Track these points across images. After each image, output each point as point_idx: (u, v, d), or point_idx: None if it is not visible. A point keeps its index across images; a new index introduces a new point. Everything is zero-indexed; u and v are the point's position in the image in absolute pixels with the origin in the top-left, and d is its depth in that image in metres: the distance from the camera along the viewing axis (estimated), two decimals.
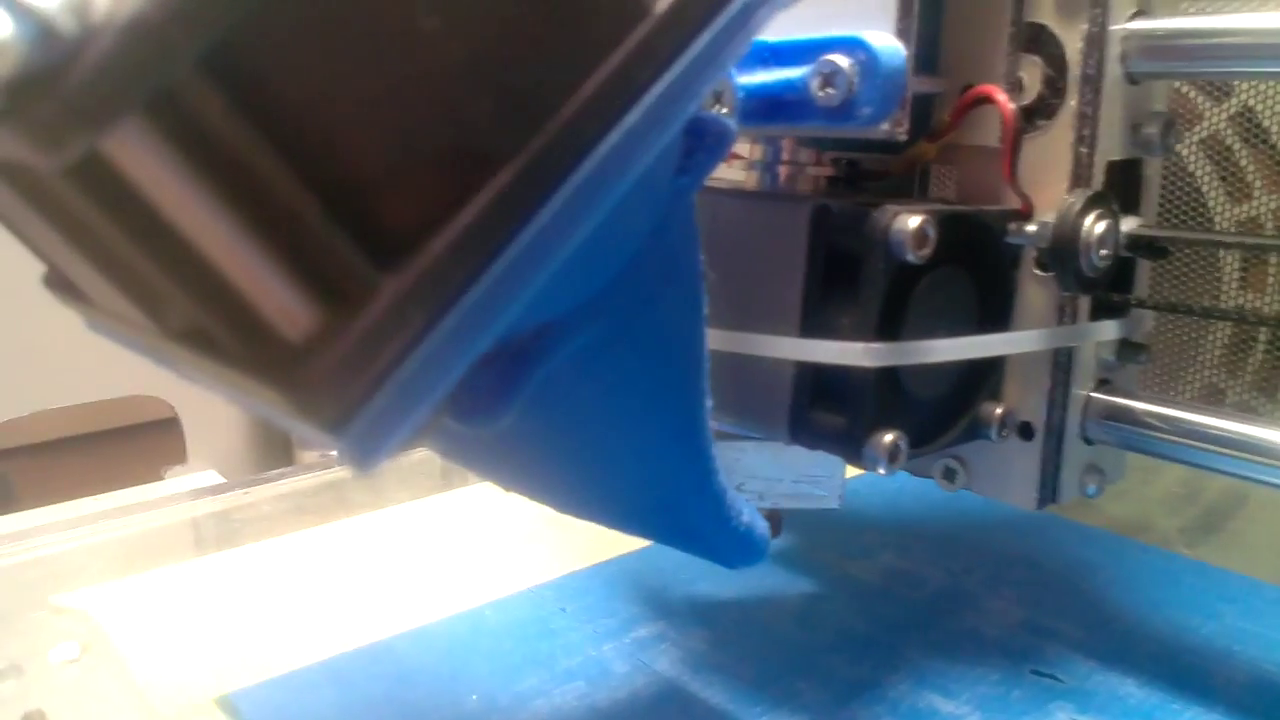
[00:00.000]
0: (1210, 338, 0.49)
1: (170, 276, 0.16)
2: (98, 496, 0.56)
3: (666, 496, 0.27)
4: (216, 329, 0.17)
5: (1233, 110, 0.45)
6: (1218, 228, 0.46)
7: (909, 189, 0.34)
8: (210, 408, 0.93)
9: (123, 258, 0.18)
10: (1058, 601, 0.39)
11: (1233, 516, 0.50)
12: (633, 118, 0.19)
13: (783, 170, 0.33)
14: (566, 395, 0.23)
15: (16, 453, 0.96)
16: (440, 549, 0.45)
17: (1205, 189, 0.47)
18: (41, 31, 0.13)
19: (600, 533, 0.33)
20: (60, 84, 0.13)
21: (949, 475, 0.34)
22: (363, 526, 0.47)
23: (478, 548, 0.45)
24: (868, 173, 0.35)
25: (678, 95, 0.20)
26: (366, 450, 0.17)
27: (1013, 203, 0.31)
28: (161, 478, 0.72)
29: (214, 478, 0.62)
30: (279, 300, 0.16)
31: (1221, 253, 0.45)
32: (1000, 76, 0.31)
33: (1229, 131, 0.46)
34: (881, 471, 0.29)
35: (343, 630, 0.37)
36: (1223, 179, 0.46)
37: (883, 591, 0.39)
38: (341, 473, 0.53)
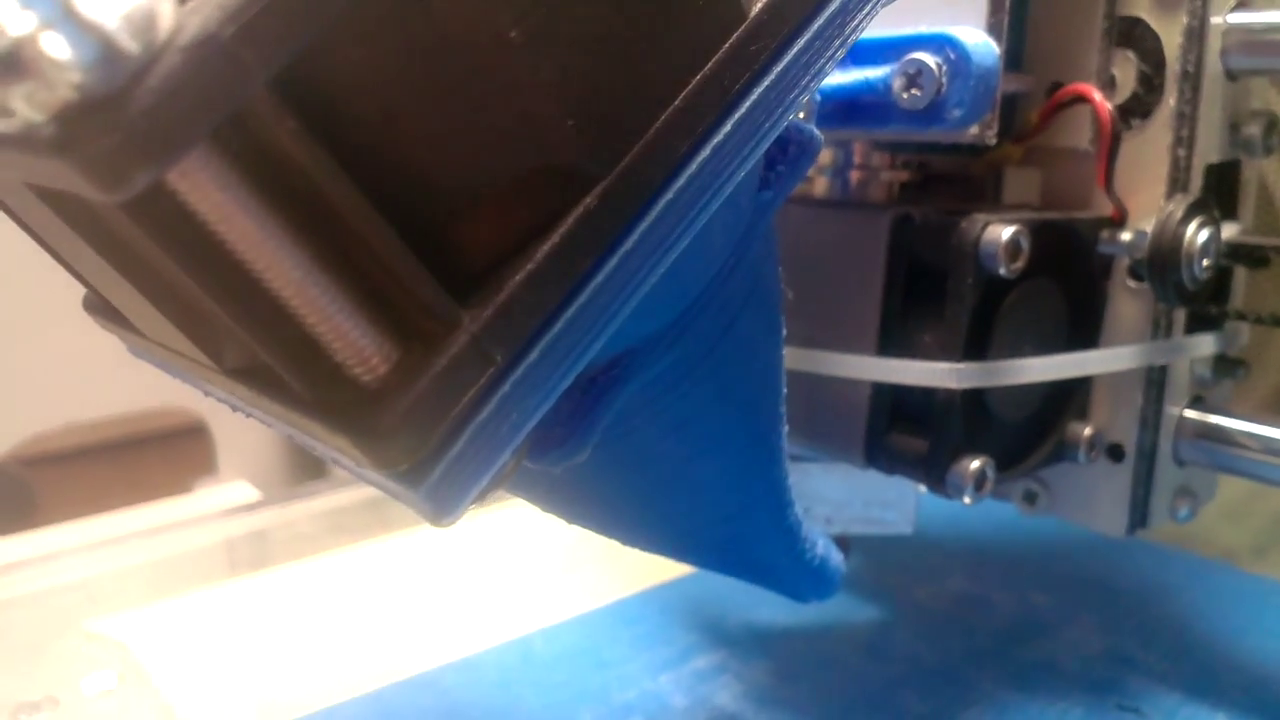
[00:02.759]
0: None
1: (232, 314, 0.14)
2: (127, 511, 0.54)
3: (740, 530, 0.25)
4: (281, 369, 0.15)
5: None
6: None
7: (983, 193, 0.32)
8: (241, 418, 0.92)
9: (177, 290, 0.17)
10: (1138, 628, 0.36)
11: None
12: (725, 131, 0.17)
13: (854, 175, 0.31)
14: (639, 427, 0.22)
15: (39, 461, 0.95)
16: (485, 571, 0.43)
17: (1274, 180, 0.45)
18: (103, 52, 0.11)
19: (653, 555, 0.31)
20: (123, 112, 0.11)
21: (1030, 499, 0.32)
22: (404, 546, 0.45)
23: (524, 569, 0.43)
24: (940, 177, 0.33)
25: (774, 105, 0.18)
26: (445, 501, 0.15)
27: (1104, 209, 0.29)
28: (190, 490, 0.70)
29: (246, 490, 0.61)
30: (350, 339, 0.14)
31: None
32: (1092, 74, 0.29)
33: None
34: (967, 501, 0.27)
35: (387, 659, 0.36)
36: None
37: (953, 619, 0.37)
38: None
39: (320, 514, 0.50)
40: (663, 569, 0.40)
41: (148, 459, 0.93)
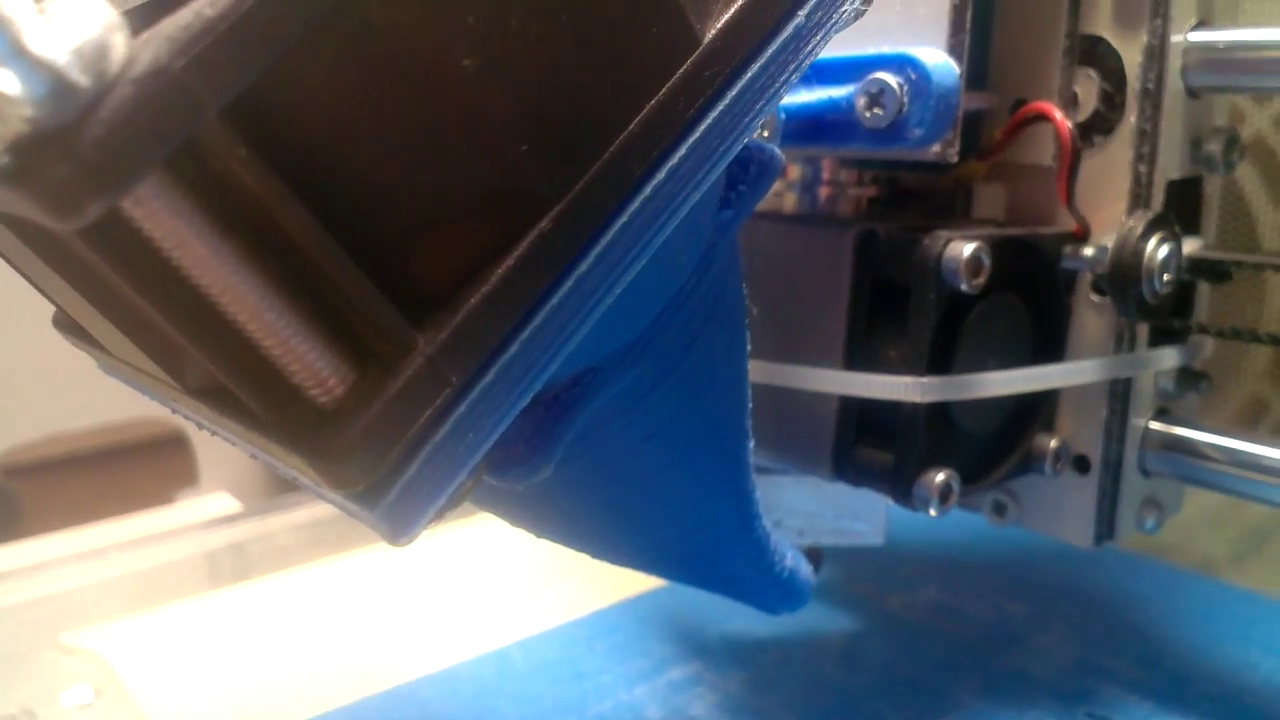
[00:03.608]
0: (1254, 350, 0.47)
1: (188, 337, 0.14)
2: (108, 523, 0.54)
3: (708, 542, 0.25)
4: (239, 391, 0.15)
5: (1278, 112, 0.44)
6: (1260, 231, 0.44)
7: (952, 207, 0.33)
8: None
9: (138, 312, 0.17)
10: (1109, 637, 0.37)
11: (1276, 538, 0.48)
12: (680, 155, 0.17)
13: (823, 191, 0.31)
14: (604, 442, 0.22)
15: (23, 471, 0.95)
16: (463, 583, 0.43)
17: (1249, 193, 0.45)
18: (54, 86, 0.11)
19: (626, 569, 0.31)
20: (75, 142, 0.12)
21: (999, 510, 0.33)
22: (381, 559, 0.46)
23: (502, 582, 0.43)
24: (909, 192, 0.33)
25: (729, 129, 0.18)
26: (401, 521, 0.16)
27: (1067, 224, 0.30)
28: (172, 501, 0.70)
29: (227, 501, 0.61)
30: (306, 362, 0.15)
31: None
32: (1054, 92, 0.29)
33: (1274, 134, 0.44)
34: (932, 513, 0.27)
35: (364, 671, 0.36)
36: (1267, 182, 0.45)
37: (926, 628, 0.38)
38: None
39: (300, 526, 0.50)
40: (639, 581, 0.41)
41: (131, 468, 0.93)
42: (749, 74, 0.18)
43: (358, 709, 0.34)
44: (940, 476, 0.27)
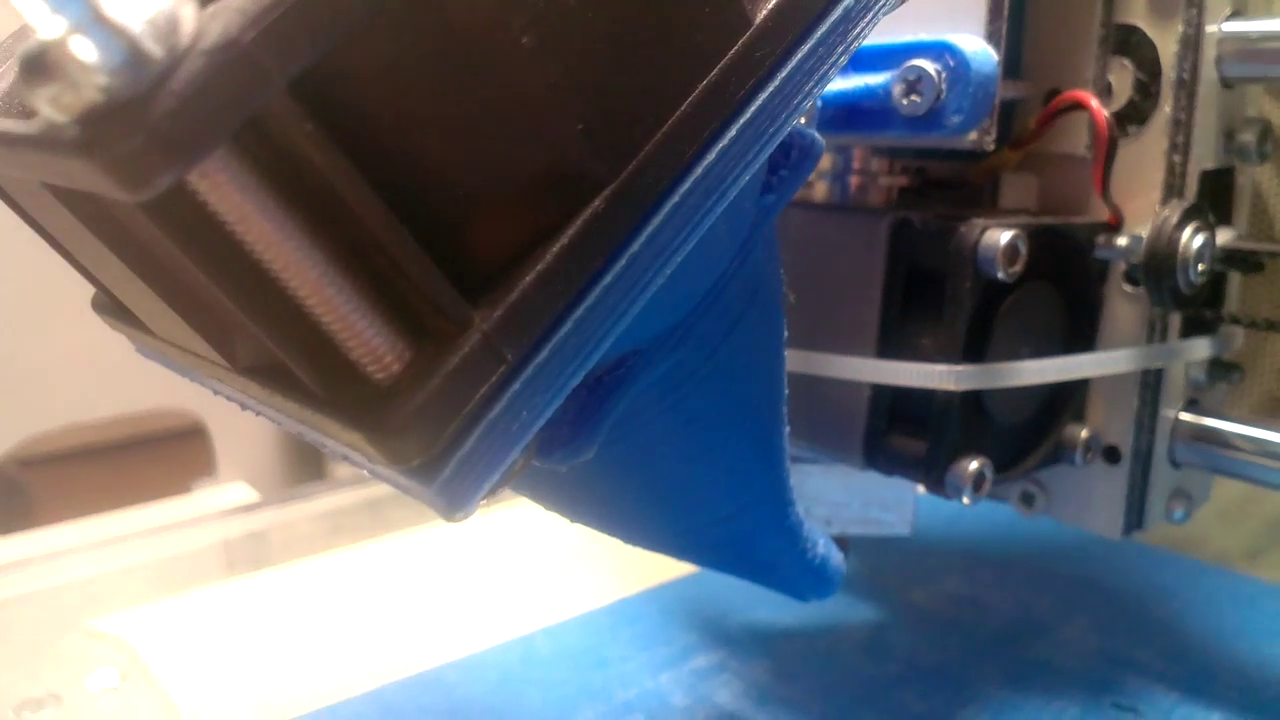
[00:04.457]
0: (1272, 346, 0.47)
1: (248, 313, 0.14)
2: (129, 511, 0.55)
3: (741, 529, 0.25)
4: (296, 367, 0.15)
5: None
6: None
7: (980, 198, 0.33)
8: (239, 419, 0.91)
9: (192, 289, 0.17)
10: (1133, 629, 0.37)
11: None
12: (731, 135, 0.17)
13: (854, 180, 0.31)
14: (642, 427, 0.22)
15: (36, 463, 0.95)
16: (486, 570, 0.43)
17: (1267, 186, 0.45)
18: (129, 56, 0.11)
19: (652, 554, 0.31)
20: (147, 113, 0.12)
21: (1027, 500, 0.33)
22: (403, 547, 0.46)
23: (525, 569, 0.43)
24: (938, 181, 0.33)
25: (778, 110, 0.18)
26: (457, 497, 0.16)
27: (1100, 214, 0.30)
28: (189, 491, 0.71)
29: (244, 491, 0.61)
30: (364, 338, 0.15)
31: None
32: (1088, 81, 0.29)
33: None
34: (966, 501, 0.27)
35: (388, 658, 0.36)
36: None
37: (950, 619, 0.38)
38: (379, 489, 0.52)
39: (319, 515, 0.50)
40: (663, 569, 0.41)
41: (146, 460, 0.93)
42: (799, 55, 0.18)
43: (383, 694, 0.34)
44: (974, 465, 0.27)
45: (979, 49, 0.26)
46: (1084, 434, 0.30)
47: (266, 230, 0.14)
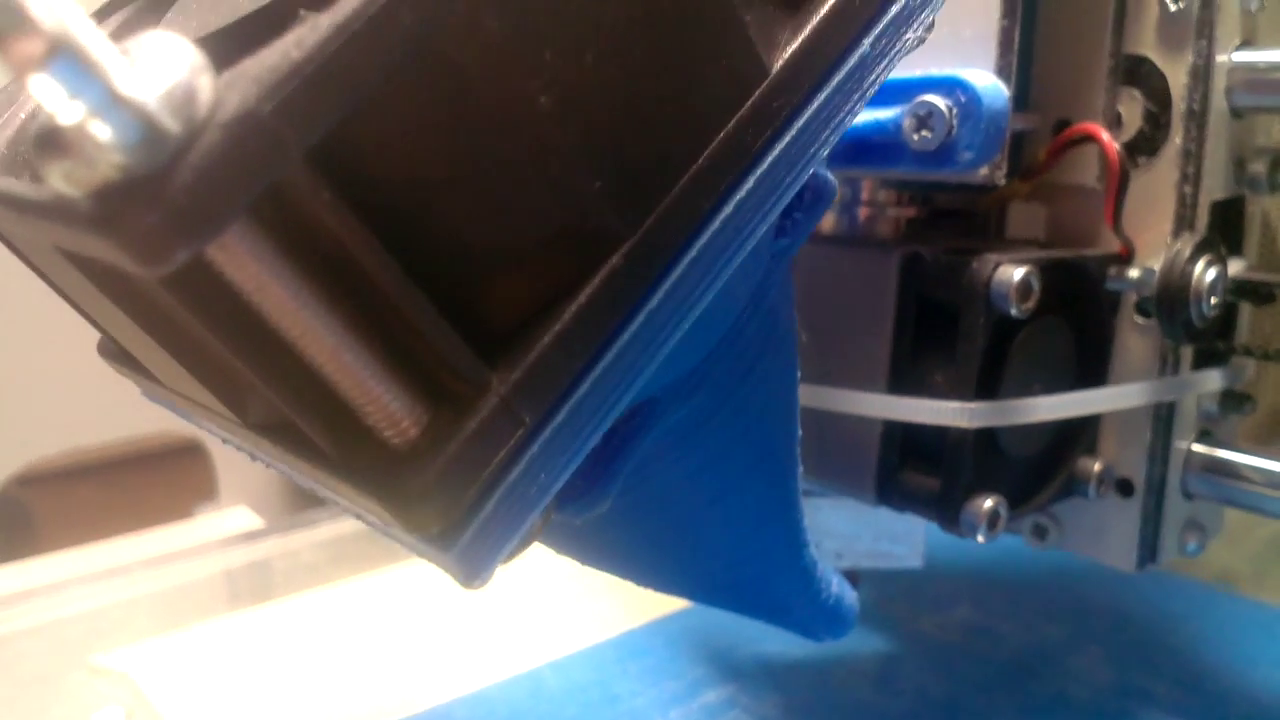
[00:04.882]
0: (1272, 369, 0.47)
1: (263, 379, 0.14)
2: (130, 537, 0.54)
3: (756, 572, 0.25)
4: (311, 431, 0.15)
5: None
6: None
7: (987, 228, 0.33)
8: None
9: (205, 350, 0.17)
10: (1145, 658, 0.37)
11: None
12: (748, 187, 0.17)
13: (862, 212, 0.31)
14: (658, 473, 0.22)
15: (35, 481, 0.94)
16: (492, 602, 0.43)
17: (1276, 216, 0.45)
18: (146, 134, 0.11)
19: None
20: (165, 189, 0.11)
21: (1040, 533, 0.32)
22: (408, 576, 0.45)
23: (531, 600, 0.43)
24: (944, 211, 0.33)
25: (795, 160, 0.18)
26: (476, 562, 0.15)
27: (1110, 245, 0.29)
28: (191, 514, 0.70)
29: (247, 516, 0.60)
30: (381, 403, 0.15)
31: None
32: (1098, 112, 0.29)
33: None
34: (980, 539, 0.27)
35: (395, 694, 0.36)
36: None
37: (961, 650, 0.37)
38: None
39: (324, 543, 0.49)
40: (667, 602, 0.40)
41: (146, 478, 0.92)
42: (815, 104, 0.18)
43: None
44: (989, 503, 0.27)
45: (990, 84, 0.25)
46: (1097, 467, 0.30)
47: (284, 299, 0.13)
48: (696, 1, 0.17)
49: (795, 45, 0.18)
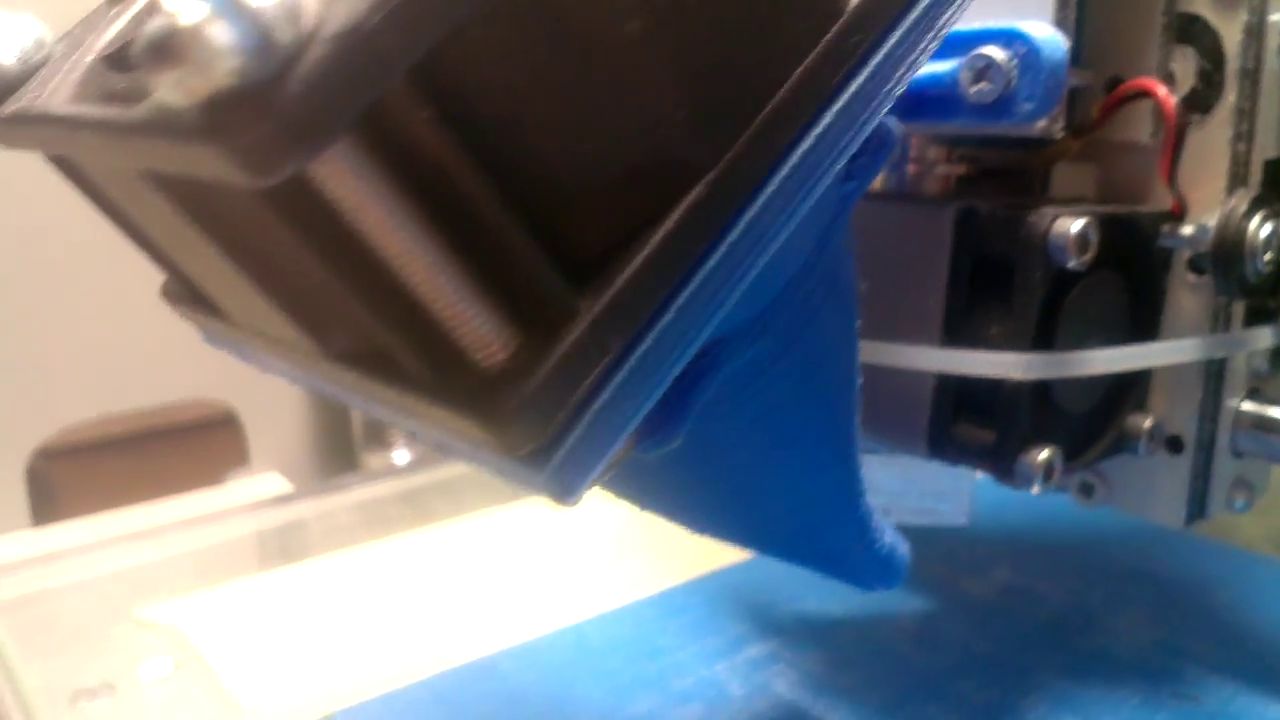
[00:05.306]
0: None
1: (360, 299, 0.14)
2: (165, 501, 0.55)
3: (813, 518, 0.25)
4: (404, 354, 0.15)
5: None
6: None
7: (1032, 185, 0.33)
8: (273, 411, 0.91)
9: (289, 276, 0.17)
10: (1187, 619, 0.37)
11: None
12: (825, 123, 0.17)
13: (911, 169, 0.31)
14: (722, 416, 0.22)
15: (62, 455, 0.93)
16: (530, 561, 0.43)
17: None
18: (262, 41, 0.11)
19: (696, 544, 0.31)
20: (275, 100, 0.11)
21: (1086, 491, 0.32)
22: (447, 537, 0.46)
23: (568, 559, 0.43)
24: (990, 170, 0.33)
25: (870, 98, 0.18)
26: (567, 483, 0.16)
27: (1160, 202, 0.29)
28: (222, 481, 0.71)
29: (278, 482, 0.61)
30: (474, 325, 0.15)
31: None
32: (1151, 69, 0.29)
33: None
34: (1035, 490, 0.27)
35: (440, 647, 0.36)
36: None
37: (1002, 610, 0.37)
38: (417, 480, 0.52)
39: (359, 504, 0.50)
40: (706, 560, 0.41)
41: (173, 453, 0.92)
42: (890, 42, 0.18)
43: (438, 681, 0.34)
44: (1044, 454, 0.27)
45: (1049, 35, 0.25)
46: (1148, 424, 0.30)
47: (382, 217, 0.14)
48: None
49: None
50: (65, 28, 0.21)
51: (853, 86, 0.18)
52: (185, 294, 0.23)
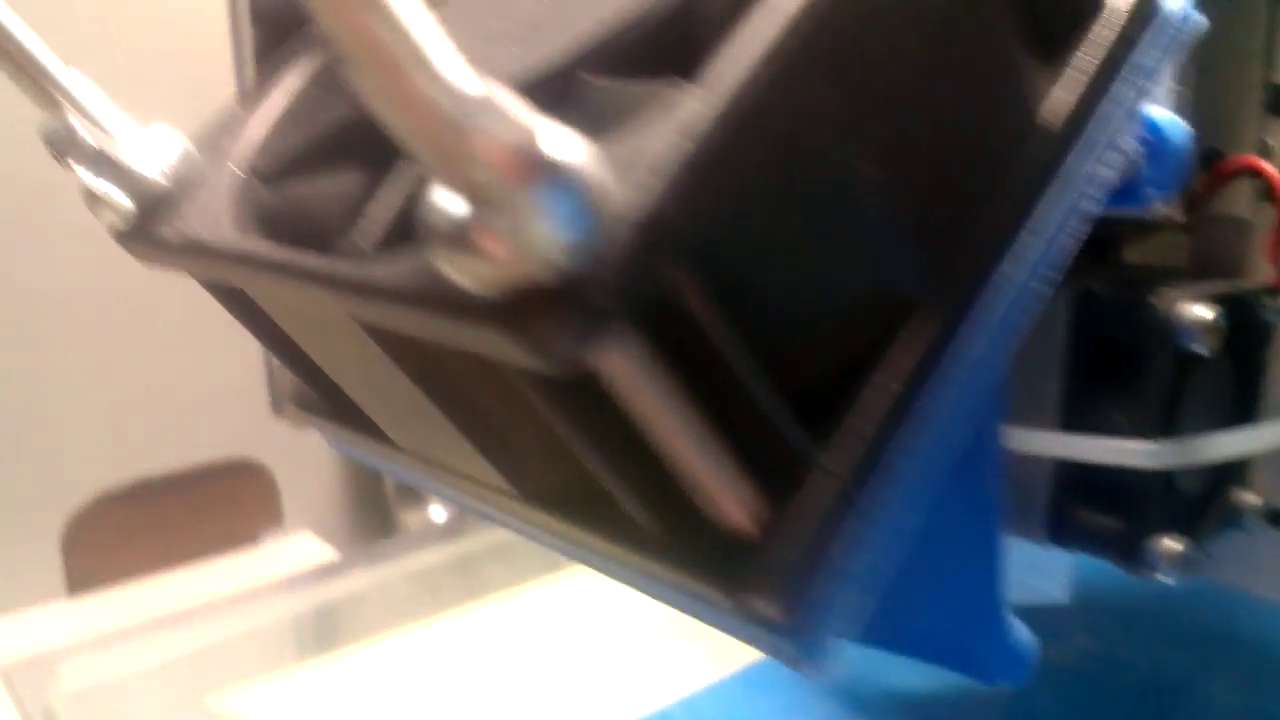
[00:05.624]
0: None
1: (604, 466, 0.14)
2: (205, 566, 0.53)
3: (953, 611, 0.25)
4: (635, 510, 0.15)
5: None
6: None
7: (1107, 254, 0.32)
8: (306, 469, 0.89)
9: (493, 423, 0.16)
10: (1275, 684, 0.36)
11: None
12: (1027, 241, 0.17)
13: None
14: None
15: (98, 502, 0.89)
16: (602, 636, 0.42)
17: None
18: (593, 233, 0.11)
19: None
20: (585, 292, 0.11)
21: (1187, 565, 0.32)
22: (508, 611, 0.45)
23: (641, 633, 0.42)
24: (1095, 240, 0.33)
25: (1068, 214, 0.18)
26: (817, 650, 0.15)
27: (1261, 275, 0.29)
28: (256, 541, 0.69)
29: (314, 543, 0.60)
30: (720, 486, 0.14)
31: None
32: (1246, 142, 0.29)
33: None
34: (1167, 580, 0.27)
35: None
36: None
37: (1087, 679, 0.37)
38: (467, 545, 0.51)
39: (412, 575, 0.49)
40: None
41: (205, 499, 0.89)
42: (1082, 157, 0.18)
43: None
44: (1176, 544, 0.26)
45: (1172, 120, 0.25)
46: (1252, 499, 0.30)
47: (652, 394, 0.13)
48: (983, 61, 0.16)
49: (1064, 98, 0.18)
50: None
51: (1046, 202, 0.17)
52: (315, 404, 0.23)
